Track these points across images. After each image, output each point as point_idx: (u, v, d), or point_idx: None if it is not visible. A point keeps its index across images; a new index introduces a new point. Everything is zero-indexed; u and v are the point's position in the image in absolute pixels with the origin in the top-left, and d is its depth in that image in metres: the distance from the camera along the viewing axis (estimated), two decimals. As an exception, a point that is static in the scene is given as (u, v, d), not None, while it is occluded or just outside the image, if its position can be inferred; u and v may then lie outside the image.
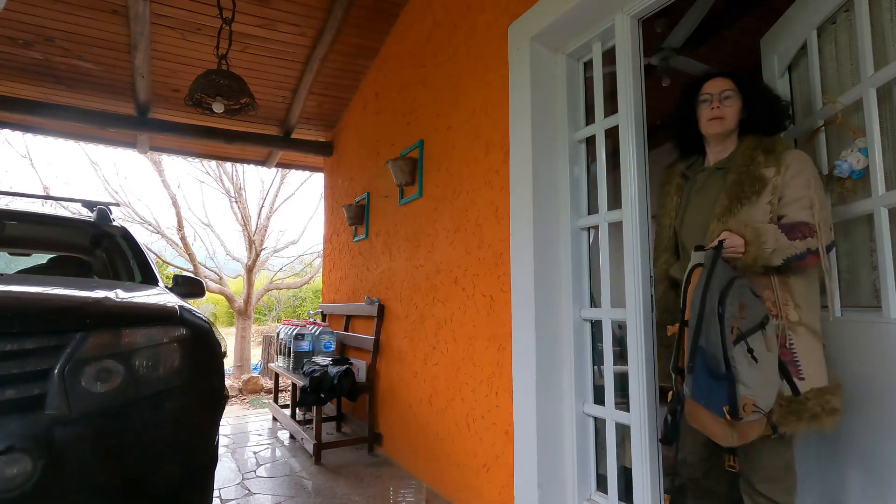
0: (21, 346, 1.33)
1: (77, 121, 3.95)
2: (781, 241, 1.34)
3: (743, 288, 1.29)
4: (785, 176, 1.41)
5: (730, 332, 1.24)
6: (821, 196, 1.39)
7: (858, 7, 1.43)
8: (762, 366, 1.25)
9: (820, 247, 1.34)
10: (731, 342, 1.23)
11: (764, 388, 1.25)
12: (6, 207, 3.04)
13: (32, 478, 1.22)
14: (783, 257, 1.34)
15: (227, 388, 1.96)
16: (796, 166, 1.42)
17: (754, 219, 1.41)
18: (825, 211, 1.39)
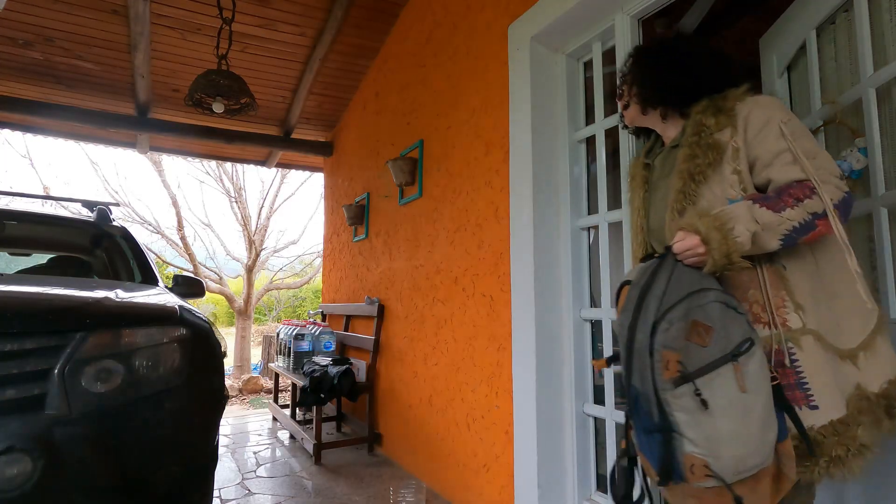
0: (21, 346, 1.33)
1: (77, 121, 3.95)
2: (765, 217, 0.99)
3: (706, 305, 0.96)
4: (747, 132, 1.09)
5: (663, 369, 0.92)
6: (806, 142, 1.05)
7: (858, 7, 1.43)
8: (729, 412, 0.91)
9: (826, 206, 0.98)
10: (663, 382, 0.92)
11: (727, 444, 0.91)
12: (6, 207, 3.04)
13: (32, 478, 1.22)
14: (779, 236, 0.99)
15: (227, 388, 1.97)
16: (758, 115, 1.09)
17: (718, 199, 1.09)
18: (820, 157, 1.04)
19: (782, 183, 1.05)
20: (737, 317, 0.97)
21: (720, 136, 1.12)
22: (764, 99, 1.13)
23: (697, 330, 0.94)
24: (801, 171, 1.03)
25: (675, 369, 0.92)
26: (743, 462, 0.92)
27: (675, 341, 0.93)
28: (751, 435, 0.92)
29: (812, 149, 1.05)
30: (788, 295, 1.05)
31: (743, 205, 1.02)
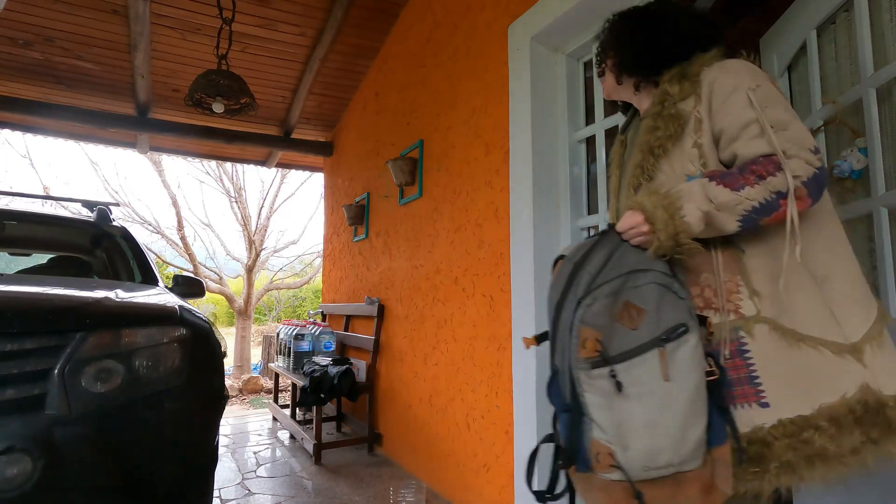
0: (21, 346, 1.33)
1: (77, 121, 3.95)
2: (721, 196, 0.88)
3: (642, 286, 0.88)
4: (712, 102, 0.97)
5: (579, 346, 0.85)
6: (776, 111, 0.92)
7: (858, 7, 1.43)
8: (646, 400, 0.83)
9: (789, 184, 0.86)
10: (577, 360, 0.85)
11: (638, 433, 0.83)
12: (6, 207, 3.04)
13: (32, 478, 1.22)
14: (737, 217, 0.88)
15: (227, 388, 1.96)
16: (724, 82, 0.97)
17: (677, 175, 0.99)
18: (792, 127, 0.91)
19: (748, 158, 0.92)
20: (676, 301, 0.88)
21: (683, 105, 1.01)
22: (733, 63, 1.00)
23: (629, 311, 0.87)
24: (768, 145, 0.90)
25: (592, 348, 0.85)
26: (653, 457, 0.82)
27: (595, 318, 0.86)
28: (666, 428, 0.82)
29: (783, 119, 0.92)
30: (744, 280, 0.93)
31: (698, 182, 0.92)
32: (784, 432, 0.86)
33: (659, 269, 0.90)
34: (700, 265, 0.97)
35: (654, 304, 0.87)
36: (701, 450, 0.84)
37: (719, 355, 0.91)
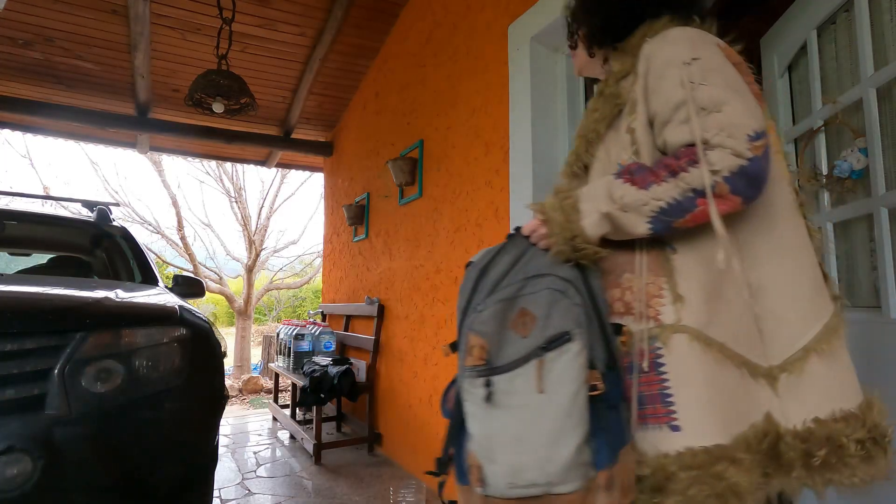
0: (21, 346, 1.33)
1: (77, 121, 3.95)
2: (627, 195, 0.78)
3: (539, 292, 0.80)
4: (648, 79, 0.83)
5: (466, 354, 0.80)
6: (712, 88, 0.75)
7: (858, 7, 1.43)
8: (518, 412, 0.76)
9: (705, 181, 0.72)
10: (464, 368, 0.80)
11: (504, 447, 0.76)
12: (6, 207, 3.04)
13: (32, 478, 1.22)
14: (645, 219, 0.77)
15: (227, 388, 1.96)
16: (661, 55, 0.82)
17: (612, 164, 0.88)
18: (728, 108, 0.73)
19: (675, 147, 0.78)
20: (569, 308, 0.79)
21: (624, 83, 0.88)
22: (675, 32, 0.84)
23: (523, 318, 0.80)
24: (691, 133, 0.75)
25: (477, 356, 0.79)
26: (518, 474, 0.74)
27: (483, 325, 0.79)
28: (533, 443, 0.74)
29: (718, 98, 0.74)
30: (668, 283, 0.80)
31: (604, 179, 0.83)
32: (691, 463, 0.73)
33: (558, 274, 0.82)
34: (622, 264, 0.86)
35: (544, 310, 0.79)
36: (577, 471, 0.73)
37: (634, 368, 0.81)
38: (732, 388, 0.76)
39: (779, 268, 0.81)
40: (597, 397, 0.76)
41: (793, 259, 0.82)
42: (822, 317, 0.80)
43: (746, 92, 0.77)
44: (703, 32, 0.85)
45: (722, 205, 0.73)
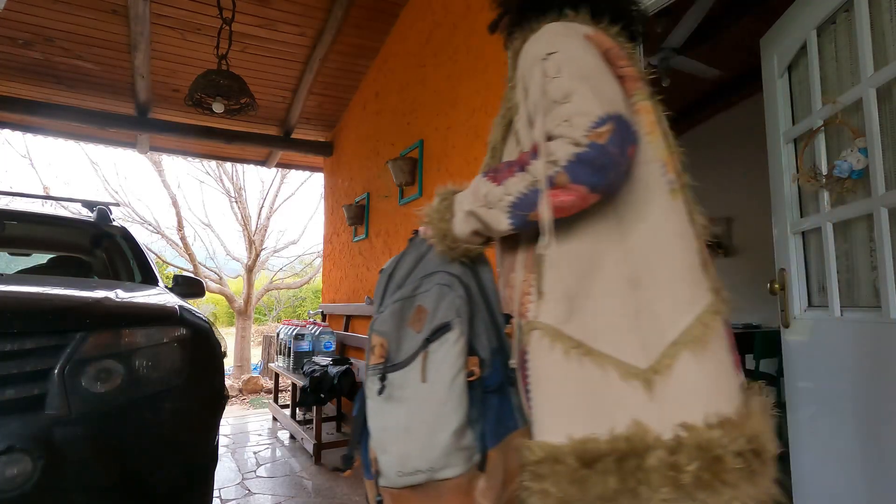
0: (21, 346, 1.33)
1: (77, 121, 3.95)
2: (490, 193, 0.77)
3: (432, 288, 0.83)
4: (523, 80, 0.81)
5: (371, 353, 0.84)
6: (565, 80, 0.72)
7: (858, 7, 1.43)
8: (406, 403, 0.78)
9: (540, 171, 0.70)
10: (368, 367, 0.84)
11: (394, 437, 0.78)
12: (6, 207, 3.04)
13: (32, 478, 1.22)
14: (505, 214, 0.75)
15: (227, 388, 1.97)
16: (528, 55, 0.81)
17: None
18: (577, 97, 0.70)
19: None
20: (453, 300, 0.81)
21: (514, 89, 0.86)
22: (541, 30, 0.81)
23: (420, 315, 0.82)
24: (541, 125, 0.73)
25: (379, 354, 0.82)
26: (404, 463, 0.77)
27: (382, 325, 0.83)
28: (416, 431, 0.76)
29: (567, 88, 0.71)
30: (536, 280, 0.79)
31: (475, 179, 0.82)
32: (529, 459, 0.71)
33: (447, 270, 0.84)
34: (511, 263, 0.85)
35: (434, 305, 0.81)
36: (458, 456, 0.75)
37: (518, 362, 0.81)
38: (589, 389, 0.71)
39: (651, 258, 0.75)
40: (477, 383, 0.78)
41: (666, 247, 0.75)
42: (695, 309, 0.72)
43: (602, 78, 0.73)
44: (570, 25, 0.81)
45: (565, 195, 0.69)
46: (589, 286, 0.74)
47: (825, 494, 1.57)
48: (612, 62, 0.77)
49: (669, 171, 0.78)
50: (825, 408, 1.57)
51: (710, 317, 0.71)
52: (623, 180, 0.72)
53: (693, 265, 0.74)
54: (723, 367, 0.71)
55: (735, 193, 5.28)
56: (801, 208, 1.75)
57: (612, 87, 0.73)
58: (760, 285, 5.55)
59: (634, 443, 0.66)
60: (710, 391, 0.69)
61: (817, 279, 1.68)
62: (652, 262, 0.74)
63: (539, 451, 0.69)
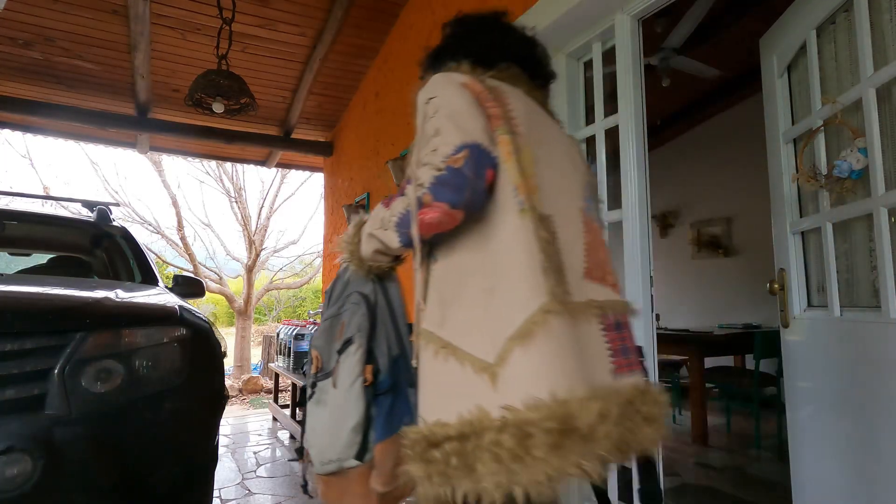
0: (21, 346, 1.33)
1: (77, 121, 3.95)
2: (385, 216, 0.91)
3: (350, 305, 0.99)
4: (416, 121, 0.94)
5: (312, 365, 1.02)
6: (434, 121, 0.86)
7: (858, 7, 1.43)
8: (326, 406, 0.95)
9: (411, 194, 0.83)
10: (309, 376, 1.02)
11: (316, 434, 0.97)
12: (6, 207, 3.04)
13: (32, 478, 1.22)
14: (395, 234, 0.88)
15: (227, 388, 1.97)
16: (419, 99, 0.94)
17: None
18: (442, 132, 0.84)
19: None
20: (360, 316, 0.98)
21: None
22: (430, 80, 0.94)
23: (341, 330, 0.99)
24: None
25: (315, 366, 1.01)
26: (322, 454, 0.95)
27: (316, 340, 1.02)
28: (329, 429, 0.94)
29: (438, 126, 0.85)
30: (423, 291, 0.92)
31: (377, 207, 0.97)
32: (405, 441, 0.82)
33: (359, 290, 1.02)
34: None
35: (348, 320, 0.98)
36: (354, 448, 0.92)
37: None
38: (455, 381, 0.82)
39: (502, 269, 0.84)
40: (370, 388, 0.94)
41: (514, 259, 0.84)
42: (529, 309, 0.80)
43: (467, 116, 0.86)
44: (450, 75, 0.95)
45: (431, 212, 0.81)
46: (460, 295, 0.86)
47: (825, 494, 1.57)
48: (482, 104, 0.90)
49: (520, 193, 0.86)
50: (825, 407, 1.57)
51: (541, 315, 0.79)
52: (483, 198, 0.84)
53: (534, 273, 0.82)
54: (548, 357, 0.78)
55: (735, 193, 5.29)
56: (801, 208, 1.75)
57: (475, 123, 0.85)
58: (760, 285, 5.56)
59: (475, 426, 0.76)
60: (534, 379, 0.77)
61: (817, 279, 1.68)
62: (502, 272, 0.84)
63: (411, 435, 0.81)
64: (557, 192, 0.95)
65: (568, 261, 0.91)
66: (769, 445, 3.44)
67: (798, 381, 1.69)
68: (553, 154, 1.00)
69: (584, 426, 0.74)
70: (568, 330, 0.82)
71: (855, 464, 1.46)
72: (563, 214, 0.94)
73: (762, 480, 2.84)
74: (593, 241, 0.98)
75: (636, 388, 0.87)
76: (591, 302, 0.90)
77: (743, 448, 3.44)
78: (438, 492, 0.76)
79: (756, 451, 3.38)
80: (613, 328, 0.91)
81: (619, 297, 0.97)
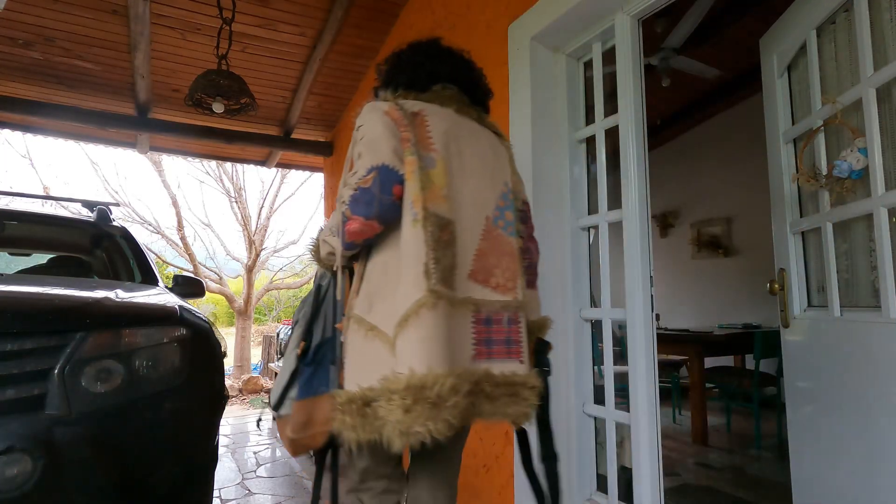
0: (21, 346, 1.33)
1: (77, 121, 3.95)
2: (332, 224, 1.13)
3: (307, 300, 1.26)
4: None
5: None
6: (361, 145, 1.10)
7: (858, 7, 1.43)
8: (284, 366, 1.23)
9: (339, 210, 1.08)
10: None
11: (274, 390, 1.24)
12: (6, 207, 3.04)
13: (32, 478, 1.23)
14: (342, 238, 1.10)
15: (227, 388, 1.97)
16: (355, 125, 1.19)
17: None
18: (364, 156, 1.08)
19: None
20: (304, 307, 1.24)
21: None
22: (361, 109, 1.20)
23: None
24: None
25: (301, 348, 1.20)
26: (273, 402, 1.20)
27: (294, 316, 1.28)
28: (279, 385, 1.20)
29: (360, 150, 1.10)
30: (357, 285, 1.14)
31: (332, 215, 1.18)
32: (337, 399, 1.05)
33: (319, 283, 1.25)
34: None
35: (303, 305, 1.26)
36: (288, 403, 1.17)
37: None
38: (374, 355, 1.05)
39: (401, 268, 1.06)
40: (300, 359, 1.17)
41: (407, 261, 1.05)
42: (410, 302, 1.02)
43: (382, 141, 1.08)
44: (375, 104, 1.19)
45: (352, 224, 1.06)
46: (382, 288, 1.09)
47: (825, 494, 1.57)
48: (398, 128, 1.11)
49: (415, 206, 1.06)
50: (824, 407, 1.57)
51: (415, 307, 1.01)
52: (392, 210, 1.06)
53: (418, 273, 1.03)
54: (416, 341, 1.00)
55: (735, 193, 5.29)
56: (801, 208, 1.75)
57: (386, 147, 1.07)
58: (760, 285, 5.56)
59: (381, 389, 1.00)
60: (408, 357, 0.99)
61: (817, 279, 1.68)
62: (402, 270, 1.05)
63: (342, 396, 1.04)
64: (467, 201, 1.15)
65: (460, 261, 1.11)
66: (769, 445, 3.44)
67: (798, 381, 1.69)
68: (470, 166, 1.18)
69: (434, 396, 0.95)
70: (439, 320, 1.02)
71: (855, 464, 1.46)
72: (466, 221, 1.14)
73: (762, 480, 2.84)
74: (488, 247, 1.16)
75: (486, 373, 1.09)
76: (468, 299, 1.10)
77: (743, 448, 3.45)
78: (362, 437, 1.01)
79: (756, 451, 3.38)
80: (482, 322, 1.12)
81: (501, 297, 1.15)
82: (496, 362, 1.12)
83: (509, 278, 1.17)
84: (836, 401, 1.52)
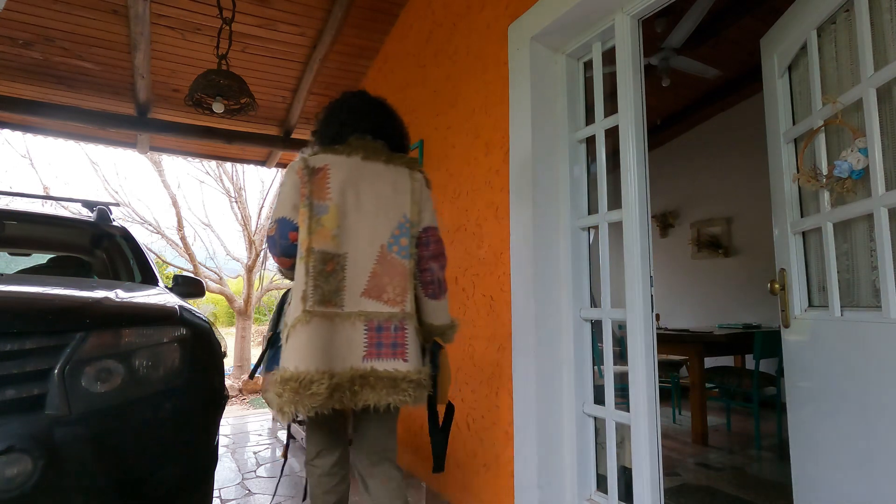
0: (21, 346, 1.33)
1: (77, 121, 3.94)
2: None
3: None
4: None
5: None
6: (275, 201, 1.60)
7: (858, 7, 1.43)
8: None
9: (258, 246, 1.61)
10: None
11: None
12: (6, 207, 3.04)
13: (32, 478, 1.22)
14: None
15: (227, 388, 1.97)
16: None
17: None
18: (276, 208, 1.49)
19: None
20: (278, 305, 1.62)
21: None
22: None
23: None
24: None
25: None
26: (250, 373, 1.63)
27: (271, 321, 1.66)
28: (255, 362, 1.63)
29: (276, 203, 1.50)
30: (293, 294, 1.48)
31: None
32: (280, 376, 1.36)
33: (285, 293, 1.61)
34: None
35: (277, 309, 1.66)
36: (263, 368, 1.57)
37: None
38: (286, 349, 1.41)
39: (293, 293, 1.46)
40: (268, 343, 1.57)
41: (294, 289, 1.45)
42: (292, 318, 1.41)
43: (287, 198, 1.46)
44: (293, 162, 1.49)
45: (273, 259, 1.51)
46: (291, 305, 1.45)
47: (825, 494, 1.57)
48: (301, 186, 1.45)
49: (302, 247, 1.43)
50: (825, 408, 1.57)
51: (294, 321, 1.39)
52: (291, 249, 1.46)
53: (298, 298, 1.40)
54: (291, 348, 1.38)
55: (735, 193, 5.29)
56: (802, 208, 1.75)
57: (289, 202, 1.46)
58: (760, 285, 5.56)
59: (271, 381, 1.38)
60: (286, 356, 1.38)
61: (817, 279, 1.68)
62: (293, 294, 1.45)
63: (285, 375, 1.34)
64: (362, 234, 1.46)
65: (352, 284, 1.43)
66: (769, 445, 3.44)
67: (798, 381, 1.69)
68: (367, 204, 1.48)
69: (296, 386, 1.31)
70: (311, 332, 1.36)
71: (855, 464, 1.46)
72: (359, 252, 1.45)
73: (762, 480, 2.84)
74: (381, 269, 1.46)
75: (373, 369, 1.40)
76: (361, 312, 1.42)
77: (743, 448, 3.44)
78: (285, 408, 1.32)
79: (756, 451, 3.38)
80: (374, 330, 1.43)
81: (391, 309, 1.45)
82: (383, 361, 1.41)
83: (399, 293, 1.47)
84: (836, 401, 1.52)
